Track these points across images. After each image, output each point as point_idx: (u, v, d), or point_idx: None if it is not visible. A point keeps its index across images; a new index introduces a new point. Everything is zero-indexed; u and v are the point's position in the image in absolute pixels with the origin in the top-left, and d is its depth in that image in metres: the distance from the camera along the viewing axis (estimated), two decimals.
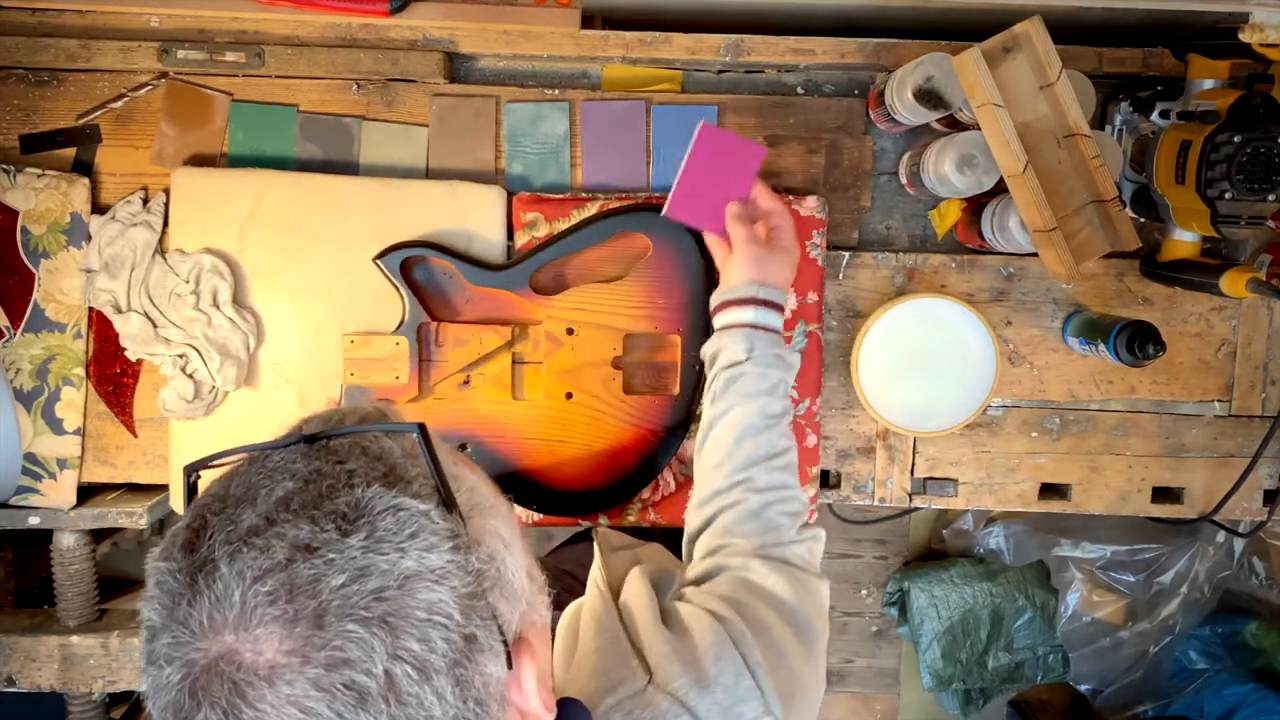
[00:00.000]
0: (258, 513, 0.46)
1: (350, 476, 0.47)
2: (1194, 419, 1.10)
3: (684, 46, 1.05)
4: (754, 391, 0.84)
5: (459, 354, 1.01)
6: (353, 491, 0.46)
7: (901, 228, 1.10)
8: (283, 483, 0.47)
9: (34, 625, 1.08)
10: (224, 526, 0.46)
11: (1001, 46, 0.91)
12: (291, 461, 0.49)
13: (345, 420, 0.53)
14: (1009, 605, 1.94)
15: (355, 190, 1.02)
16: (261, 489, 0.47)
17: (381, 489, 0.47)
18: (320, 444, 0.50)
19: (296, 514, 0.45)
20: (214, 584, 0.44)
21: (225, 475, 0.51)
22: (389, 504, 0.46)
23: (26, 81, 1.03)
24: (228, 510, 0.47)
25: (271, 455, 0.50)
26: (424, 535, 0.46)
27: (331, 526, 0.45)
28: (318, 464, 0.48)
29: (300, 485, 0.47)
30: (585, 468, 1.02)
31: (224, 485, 0.50)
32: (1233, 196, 0.87)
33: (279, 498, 0.46)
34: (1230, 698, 1.76)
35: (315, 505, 0.46)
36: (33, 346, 1.03)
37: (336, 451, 0.49)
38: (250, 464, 0.50)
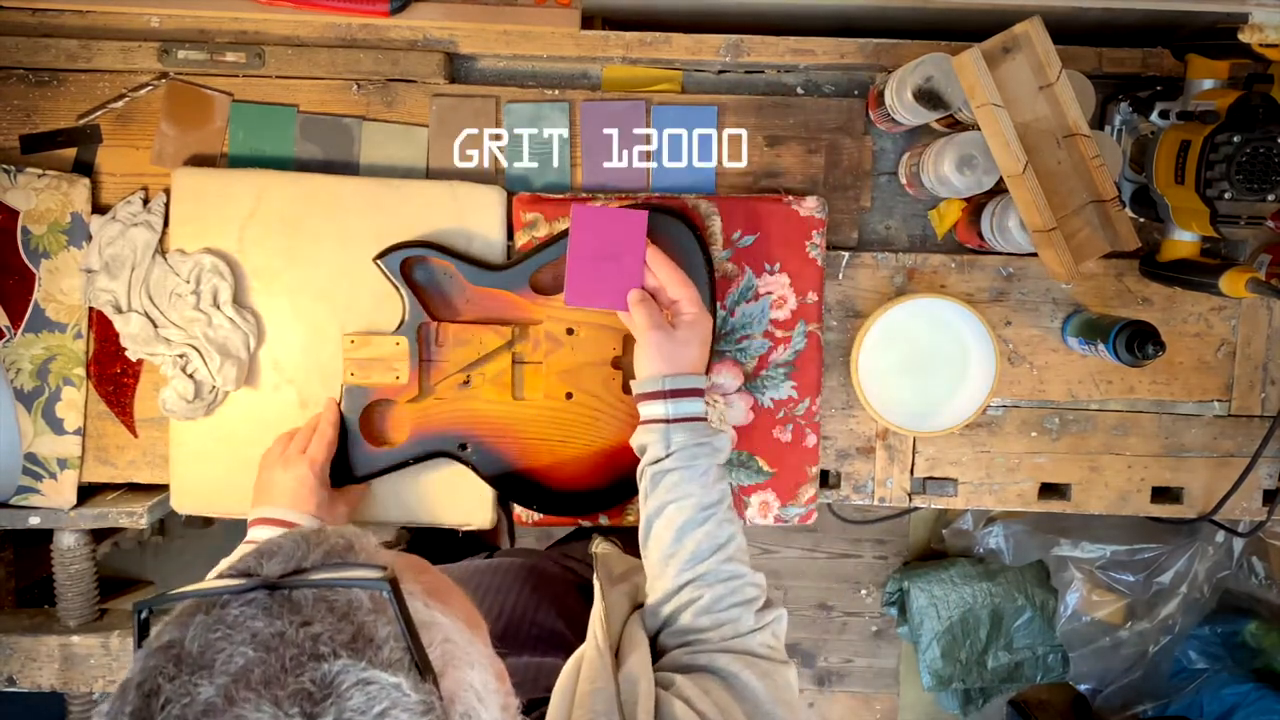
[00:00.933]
0: (215, 686, 0.42)
1: (315, 644, 0.44)
2: (1194, 419, 1.10)
3: (684, 47, 1.05)
4: (684, 486, 0.84)
5: (459, 354, 1.01)
6: (319, 665, 0.43)
7: (901, 228, 1.10)
8: (241, 648, 0.43)
9: (34, 625, 1.09)
10: (180, 698, 0.42)
11: (1001, 47, 0.91)
12: (251, 618, 0.45)
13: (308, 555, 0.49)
14: (1009, 605, 1.94)
15: (355, 190, 1.02)
16: (220, 653, 0.43)
17: (349, 660, 0.43)
18: (281, 594, 0.46)
19: (258, 693, 0.41)
20: None
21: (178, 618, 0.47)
22: (358, 678, 0.43)
23: (27, 81, 1.03)
24: (182, 676, 0.43)
25: (230, 606, 0.45)
26: (395, 712, 0.43)
27: (296, 710, 0.41)
28: (280, 625, 0.44)
29: (261, 654, 0.43)
30: (585, 468, 1.03)
31: (179, 633, 0.45)
32: (1232, 196, 0.87)
33: (239, 668, 0.42)
34: (1230, 697, 1.76)
35: (278, 682, 0.42)
36: (33, 346, 1.03)
37: (300, 608, 0.45)
38: (207, 612, 0.46)
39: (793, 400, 1.05)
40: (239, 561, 0.50)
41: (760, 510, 1.06)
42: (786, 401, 1.05)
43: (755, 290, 1.04)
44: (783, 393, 1.05)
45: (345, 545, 0.51)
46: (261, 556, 0.50)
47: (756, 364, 1.05)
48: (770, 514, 1.06)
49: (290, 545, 0.50)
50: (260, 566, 0.49)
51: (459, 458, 1.02)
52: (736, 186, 1.07)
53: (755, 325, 1.04)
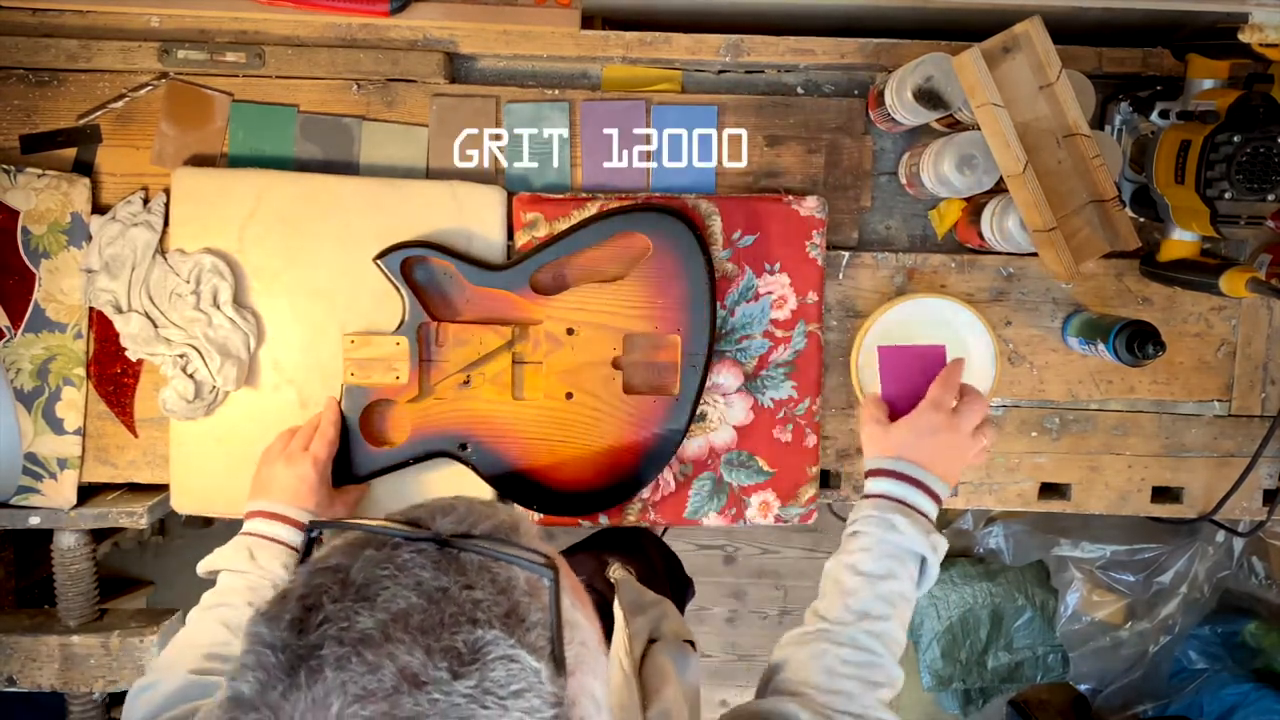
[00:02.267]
0: (375, 620, 0.44)
1: (475, 608, 0.45)
2: (1194, 419, 1.10)
3: (684, 46, 1.05)
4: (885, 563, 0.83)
5: (459, 354, 1.01)
6: (474, 630, 0.44)
7: (901, 228, 1.10)
8: (406, 592, 0.45)
9: (34, 625, 1.08)
10: (339, 620, 0.44)
11: (1001, 46, 0.91)
12: (420, 567, 0.47)
13: (478, 523, 0.51)
14: (1009, 605, 1.94)
15: (355, 190, 1.02)
16: (384, 590, 0.45)
17: (501, 633, 0.45)
18: (450, 551, 0.48)
19: (414, 638, 0.43)
20: (314, 685, 0.42)
21: (348, 546, 0.49)
22: (504, 653, 0.44)
23: (27, 81, 1.03)
24: (346, 601, 0.45)
25: (401, 549, 0.48)
26: (528, 696, 0.44)
27: (444, 665, 0.43)
28: (445, 581, 0.46)
29: (424, 603, 0.45)
30: (585, 468, 1.03)
31: (346, 560, 0.48)
32: (1232, 196, 0.87)
33: (399, 610, 0.45)
34: (1230, 697, 1.76)
35: (434, 634, 0.44)
36: (33, 346, 1.03)
37: (465, 570, 0.47)
38: (378, 548, 0.48)
39: (793, 400, 1.05)
40: (409, 510, 0.53)
41: (760, 510, 1.06)
42: (786, 401, 1.05)
43: (755, 290, 1.04)
44: (783, 393, 1.05)
45: (512, 524, 0.53)
46: (435, 512, 0.52)
47: (756, 364, 1.05)
48: (770, 514, 1.06)
49: (464, 508, 0.53)
50: (432, 520, 0.51)
51: (459, 458, 1.02)
52: (736, 186, 1.07)
53: (755, 325, 1.04)
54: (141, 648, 1.06)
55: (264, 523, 0.92)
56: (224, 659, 0.82)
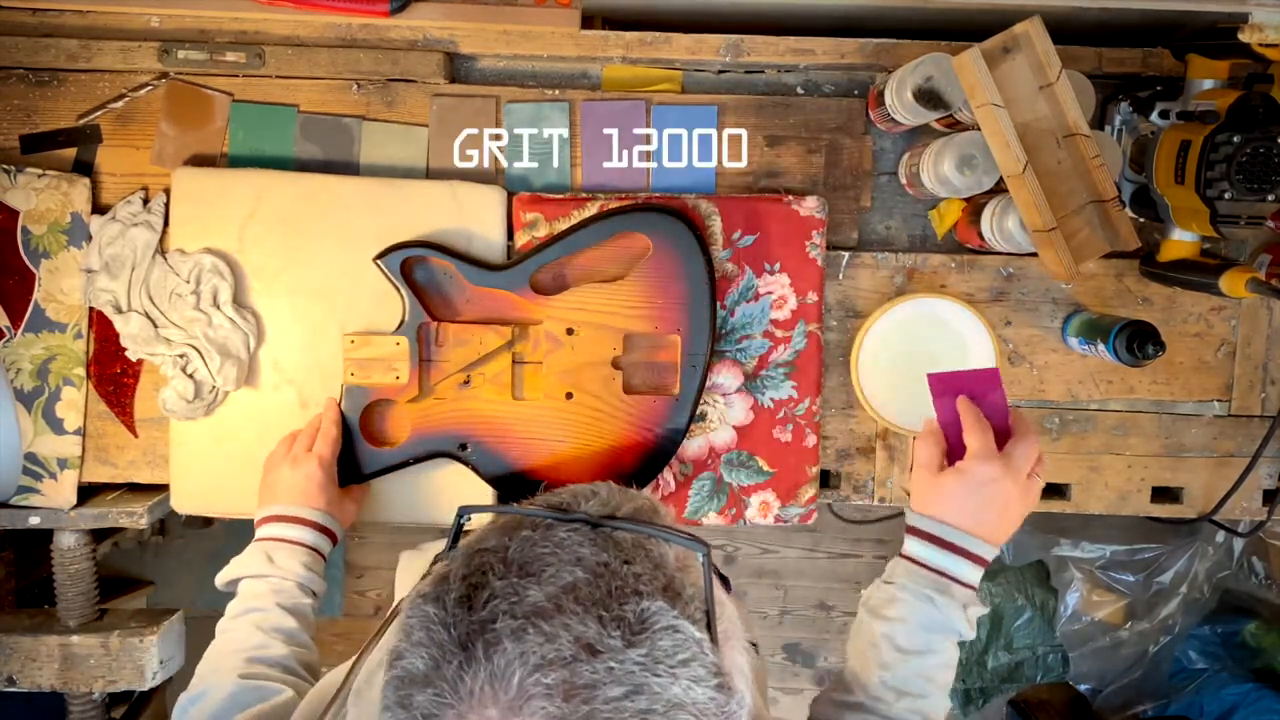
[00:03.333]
0: (545, 594, 0.45)
1: (637, 581, 0.47)
2: (1193, 419, 1.10)
3: (684, 46, 1.05)
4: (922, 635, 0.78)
5: (459, 354, 1.01)
6: (640, 601, 0.46)
7: (901, 228, 1.10)
8: (570, 567, 0.46)
9: (34, 625, 1.08)
10: (507, 595, 0.45)
11: (1001, 46, 0.91)
12: (578, 544, 0.48)
13: (621, 506, 0.53)
14: (1008, 605, 1.94)
15: (355, 190, 1.02)
16: (548, 566, 0.47)
17: (665, 604, 0.46)
18: (604, 531, 0.50)
19: (586, 609, 0.44)
20: (494, 657, 0.43)
21: (501, 528, 0.51)
22: (669, 623, 0.45)
23: (27, 81, 1.03)
24: (511, 577, 0.46)
25: (556, 528, 0.49)
26: (694, 665, 0.45)
27: (618, 633, 0.44)
28: (606, 557, 0.48)
29: (589, 577, 0.46)
30: (585, 468, 1.03)
31: (502, 540, 0.49)
32: (1232, 196, 0.87)
33: (566, 583, 0.46)
34: (1230, 697, 1.76)
35: (603, 605, 0.45)
36: (33, 346, 1.03)
37: (621, 546, 0.49)
38: (533, 529, 0.49)
39: (793, 400, 1.05)
40: (548, 497, 0.54)
41: (760, 510, 1.06)
42: (786, 401, 1.05)
43: (755, 290, 1.04)
44: (783, 393, 1.05)
45: (652, 507, 0.55)
46: (577, 496, 0.53)
47: (756, 364, 1.05)
48: (770, 514, 1.06)
49: (606, 492, 0.54)
50: (577, 504, 0.52)
51: (459, 458, 1.02)
52: (736, 186, 1.07)
53: (755, 325, 1.04)
54: (141, 648, 1.06)
55: (277, 526, 0.92)
56: (267, 662, 0.82)
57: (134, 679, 1.07)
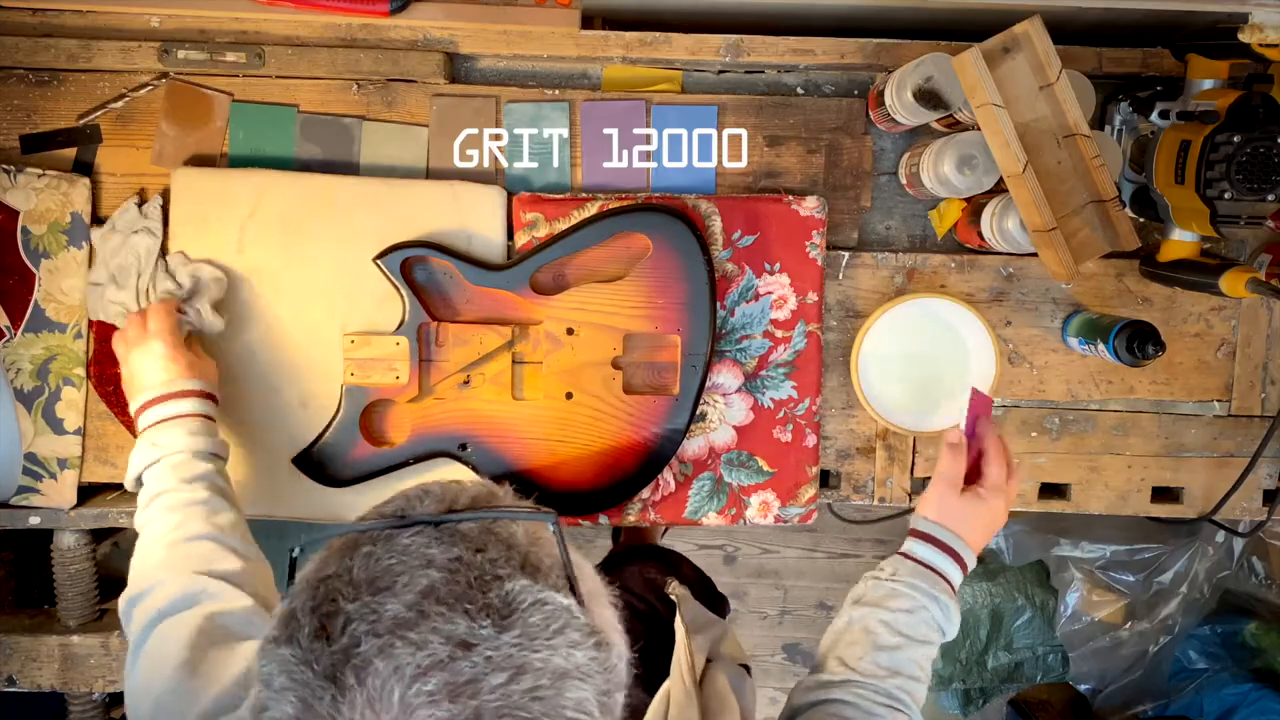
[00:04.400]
0: (403, 603, 0.44)
1: (493, 566, 0.46)
2: (1193, 419, 1.10)
3: (684, 46, 1.05)
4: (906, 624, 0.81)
5: (459, 354, 1.01)
6: (501, 585, 0.45)
7: (901, 228, 1.10)
8: (422, 571, 0.45)
9: (34, 625, 1.08)
10: (365, 615, 0.44)
11: (1001, 46, 0.91)
12: (424, 547, 0.47)
13: (458, 499, 0.52)
14: (1008, 605, 1.94)
15: (355, 190, 1.02)
16: (399, 576, 0.45)
17: (527, 581, 0.46)
18: (447, 528, 0.49)
19: (449, 606, 0.44)
20: (367, 680, 0.42)
21: (339, 551, 0.49)
22: (535, 598, 0.45)
23: (27, 81, 1.03)
24: (364, 596, 0.45)
25: (396, 537, 0.48)
26: (569, 632, 0.45)
27: (488, 621, 0.44)
28: (456, 551, 0.47)
29: (445, 575, 0.45)
30: (585, 468, 1.03)
31: (344, 562, 0.47)
32: (1232, 196, 0.87)
33: (424, 587, 0.45)
34: (1230, 697, 1.76)
35: (466, 598, 0.44)
36: (33, 346, 1.03)
37: (469, 537, 0.48)
38: (374, 544, 0.48)
39: (793, 400, 1.05)
40: (380, 508, 0.53)
41: (760, 510, 1.06)
42: (786, 401, 1.05)
43: (755, 290, 1.04)
44: (783, 393, 1.05)
45: (489, 493, 0.54)
46: (410, 500, 0.52)
47: (756, 364, 1.05)
48: (770, 514, 1.06)
49: (439, 490, 0.53)
50: (413, 508, 0.51)
51: (459, 458, 1.02)
52: (736, 186, 1.07)
53: (755, 325, 1.04)
54: None
55: (151, 411, 0.90)
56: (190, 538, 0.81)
57: None
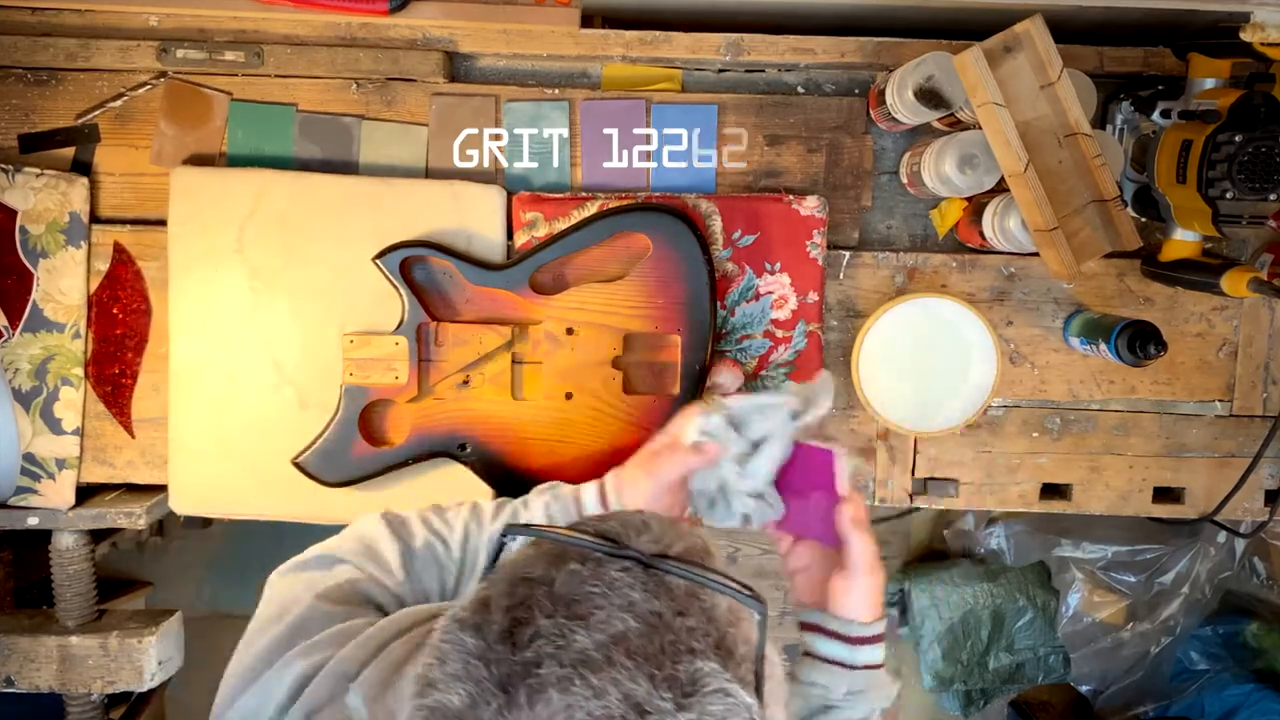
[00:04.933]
0: (594, 641, 0.43)
1: (690, 636, 0.44)
2: (1195, 419, 1.10)
3: (684, 46, 1.04)
4: None
5: (459, 354, 1.01)
6: (693, 660, 0.43)
7: (902, 227, 1.09)
8: (621, 614, 0.44)
9: (33, 625, 1.08)
10: (554, 637, 0.43)
11: (1002, 46, 0.90)
12: (629, 587, 0.46)
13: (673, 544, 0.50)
14: (1010, 606, 1.94)
15: (355, 190, 1.02)
16: (597, 609, 0.44)
17: (717, 665, 0.44)
18: (656, 574, 0.47)
19: (637, 664, 0.42)
20: (537, 705, 0.41)
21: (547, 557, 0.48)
22: (720, 685, 0.43)
23: (25, 81, 1.03)
24: (558, 616, 0.43)
25: (606, 565, 0.46)
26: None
27: (669, 696, 0.42)
28: (658, 605, 0.45)
29: (642, 628, 0.44)
30: (585, 468, 1.02)
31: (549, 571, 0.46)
32: (1234, 196, 0.87)
33: (617, 632, 0.43)
34: (1231, 698, 1.76)
35: (655, 662, 0.43)
36: (31, 346, 1.03)
37: (673, 594, 0.46)
38: (582, 562, 0.47)
39: None
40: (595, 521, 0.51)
41: None
42: None
43: (755, 290, 1.04)
44: None
45: (704, 548, 0.52)
46: (627, 527, 0.50)
47: (757, 364, 1.05)
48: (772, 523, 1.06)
49: (658, 527, 0.51)
50: (628, 536, 0.49)
51: (459, 458, 1.01)
52: (737, 186, 1.06)
53: (755, 325, 1.04)
54: (140, 648, 1.06)
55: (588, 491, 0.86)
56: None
57: (132, 679, 1.06)
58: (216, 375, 1.03)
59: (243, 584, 1.75)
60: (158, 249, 1.04)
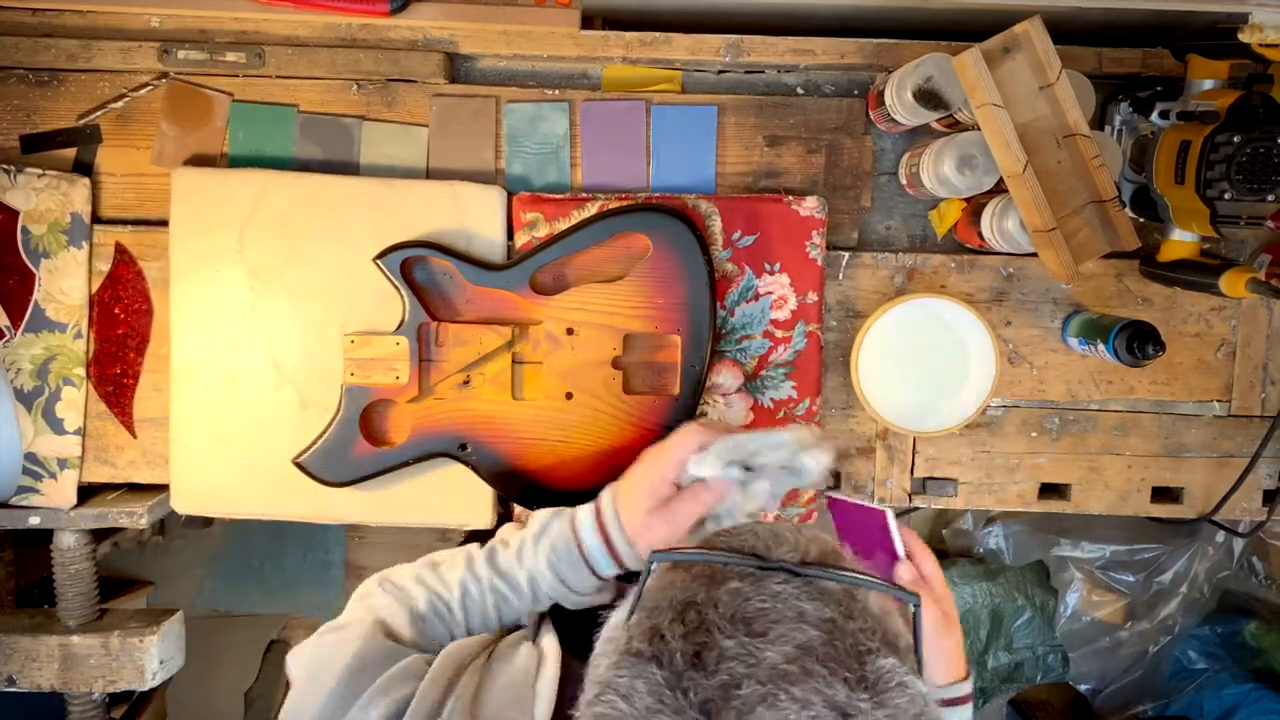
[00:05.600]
0: (782, 654, 0.43)
1: (863, 637, 0.45)
2: (1193, 419, 1.10)
3: (684, 46, 1.05)
4: None
5: (459, 354, 1.01)
6: (874, 659, 0.44)
7: (901, 228, 1.10)
8: (797, 624, 0.44)
9: (34, 625, 1.08)
10: (742, 656, 0.42)
11: (1001, 47, 0.91)
12: (794, 598, 0.46)
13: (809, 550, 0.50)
14: (1008, 605, 1.94)
15: (355, 190, 1.02)
16: (774, 623, 0.44)
17: (895, 660, 0.44)
18: (813, 582, 0.47)
19: (831, 670, 0.42)
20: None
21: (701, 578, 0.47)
22: (900, 679, 0.44)
23: (27, 81, 1.03)
24: (739, 635, 0.43)
25: (764, 580, 0.47)
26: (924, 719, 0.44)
27: (866, 696, 0.42)
28: (829, 612, 0.45)
29: (822, 635, 0.44)
30: (585, 468, 1.02)
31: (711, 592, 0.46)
32: (1232, 196, 0.87)
33: (802, 642, 0.43)
34: (1230, 697, 1.76)
35: (845, 665, 0.43)
36: (33, 346, 1.03)
37: (835, 598, 0.47)
38: (741, 580, 0.47)
39: (793, 400, 1.05)
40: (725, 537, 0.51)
41: None
42: (786, 401, 1.05)
43: (755, 290, 1.04)
44: (783, 393, 1.05)
45: (834, 549, 0.52)
46: (762, 538, 0.50)
47: (756, 364, 1.05)
48: (770, 514, 1.06)
49: (790, 535, 0.51)
50: (769, 549, 0.49)
51: (459, 458, 1.02)
52: (736, 186, 1.07)
53: (755, 325, 1.04)
54: (141, 648, 1.06)
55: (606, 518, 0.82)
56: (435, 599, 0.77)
57: (134, 679, 1.07)
58: (218, 375, 1.03)
59: (244, 583, 1.76)
60: (159, 249, 1.04)
